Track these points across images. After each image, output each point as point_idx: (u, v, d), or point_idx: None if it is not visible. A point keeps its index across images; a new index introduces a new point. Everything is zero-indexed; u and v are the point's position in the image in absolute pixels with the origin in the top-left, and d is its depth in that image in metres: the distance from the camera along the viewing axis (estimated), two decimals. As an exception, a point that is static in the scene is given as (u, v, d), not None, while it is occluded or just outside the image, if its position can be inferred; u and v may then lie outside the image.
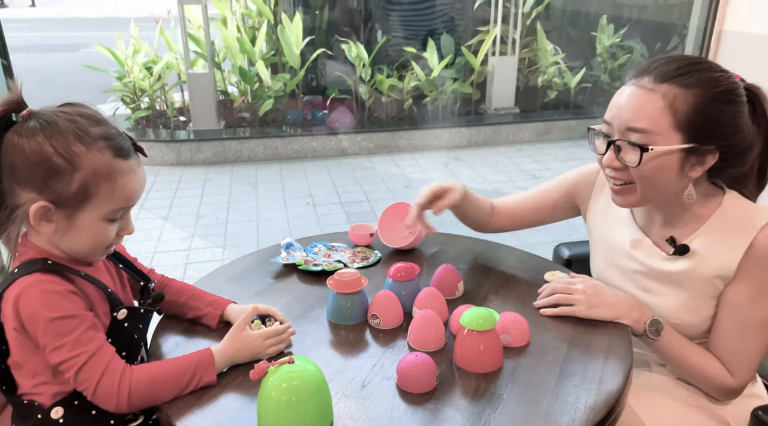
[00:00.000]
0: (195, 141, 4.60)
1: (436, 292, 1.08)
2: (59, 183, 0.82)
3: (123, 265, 1.03)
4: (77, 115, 0.85)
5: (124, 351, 0.92)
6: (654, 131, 0.94)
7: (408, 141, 4.97)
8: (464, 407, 0.85)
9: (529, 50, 5.53)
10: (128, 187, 0.87)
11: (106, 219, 0.87)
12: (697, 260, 1.01)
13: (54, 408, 0.88)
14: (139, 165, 0.91)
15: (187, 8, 4.69)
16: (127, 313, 0.92)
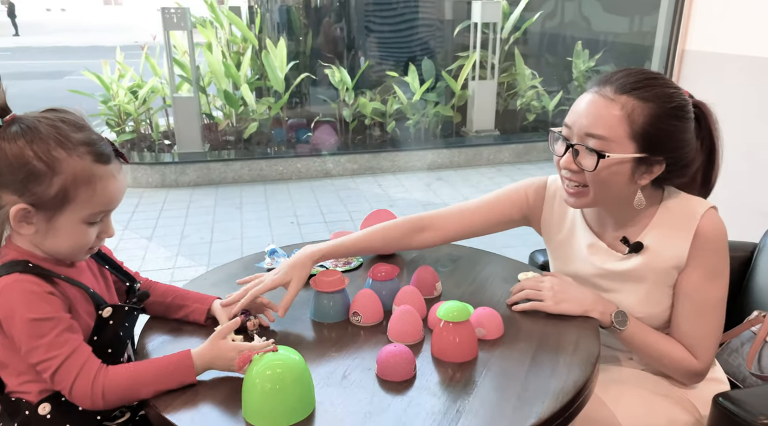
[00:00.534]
0: (180, 163, 4.63)
1: (415, 290, 1.13)
2: (39, 186, 0.84)
3: (109, 266, 1.05)
4: (59, 121, 0.87)
5: (109, 348, 0.94)
6: (611, 139, 0.99)
7: (391, 162, 5.06)
8: (441, 393, 0.90)
9: (507, 75, 5.70)
10: (108, 192, 0.89)
11: (86, 222, 0.89)
12: (650, 255, 1.08)
13: (41, 404, 0.89)
14: (120, 171, 0.93)
15: (172, 34, 4.77)
16: (112, 311, 0.94)
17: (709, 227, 1.04)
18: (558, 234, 1.23)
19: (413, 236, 1.26)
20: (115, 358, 0.95)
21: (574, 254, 1.19)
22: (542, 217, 1.26)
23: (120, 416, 0.97)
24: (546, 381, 0.91)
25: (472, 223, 1.26)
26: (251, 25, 5.40)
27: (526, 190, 1.25)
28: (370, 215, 1.47)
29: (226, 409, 0.86)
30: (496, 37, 5.40)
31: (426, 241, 1.27)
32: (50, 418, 0.90)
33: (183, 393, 0.90)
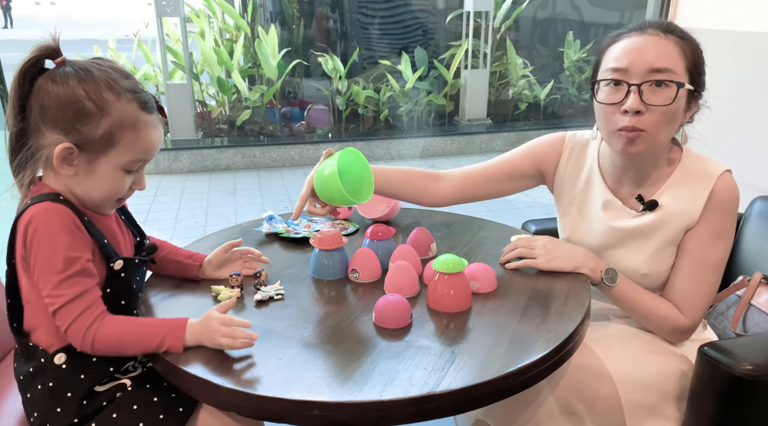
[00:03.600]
0: (173, 150, 4.63)
1: (411, 249, 1.16)
2: (86, 126, 0.86)
3: (126, 217, 1.07)
4: (109, 68, 0.90)
5: (123, 300, 0.96)
6: (675, 71, 1.01)
7: (385, 150, 5.08)
8: (436, 338, 0.93)
9: (499, 64, 5.73)
10: (150, 139, 0.92)
11: (124, 169, 0.91)
12: (664, 214, 1.10)
13: (57, 354, 0.91)
14: (159, 123, 0.96)
15: (165, 21, 4.76)
16: (123, 264, 0.95)
17: (724, 189, 1.07)
18: (572, 190, 1.24)
19: (430, 184, 1.27)
20: (128, 310, 0.97)
21: (587, 210, 1.21)
22: (557, 171, 1.25)
23: (132, 370, 0.99)
24: (537, 328, 0.95)
25: (487, 179, 1.27)
26: (244, 14, 5.39)
27: (542, 145, 1.27)
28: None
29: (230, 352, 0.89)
30: (488, 26, 5.43)
31: (441, 193, 1.27)
32: (65, 368, 0.92)
33: (187, 339, 0.92)
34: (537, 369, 0.85)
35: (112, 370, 0.96)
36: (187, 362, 0.87)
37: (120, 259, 0.95)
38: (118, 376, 0.97)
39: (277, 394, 0.80)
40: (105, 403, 0.94)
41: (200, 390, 0.86)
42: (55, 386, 0.91)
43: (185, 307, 1.04)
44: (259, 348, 0.90)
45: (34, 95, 0.88)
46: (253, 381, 0.83)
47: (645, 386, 1.08)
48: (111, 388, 0.95)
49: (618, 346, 1.11)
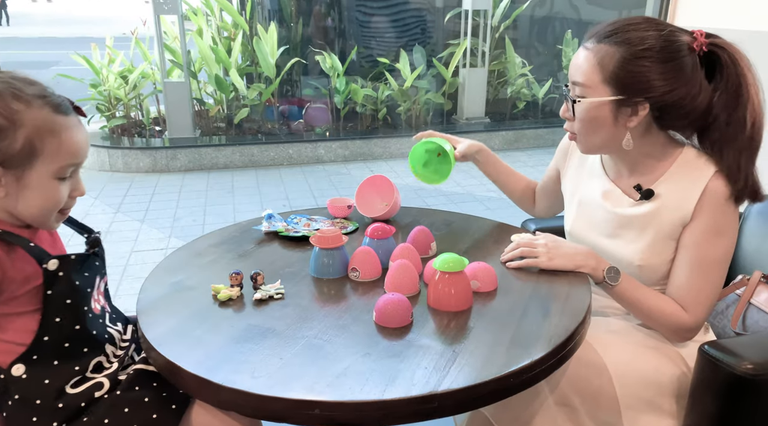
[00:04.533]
0: (171, 148, 4.62)
1: (411, 248, 1.15)
2: (3, 142, 0.82)
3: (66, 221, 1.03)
4: (9, 78, 0.86)
5: (68, 299, 0.91)
6: (587, 85, 1.07)
7: (383, 148, 5.07)
8: (437, 337, 0.92)
9: (498, 62, 5.73)
10: (74, 142, 0.88)
11: (56, 177, 0.87)
12: (660, 203, 1.11)
13: (13, 366, 0.89)
14: (81, 123, 0.91)
15: (163, 19, 4.74)
16: (59, 263, 0.90)
17: (719, 187, 1.06)
18: (575, 183, 1.31)
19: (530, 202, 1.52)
20: (76, 309, 0.93)
21: (588, 200, 1.25)
22: (564, 170, 1.36)
23: (107, 367, 0.97)
24: (538, 327, 0.95)
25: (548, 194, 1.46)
26: (242, 11, 5.37)
27: (559, 147, 1.40)
28: (365, 182, 1.50)
29: (229, 352, 0.89)
30: (487, 24, 5.43)
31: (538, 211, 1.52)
32: (26, 377, 0.89)
33: (187, 337, 0.92)
34: (538, 368, 0.85)
35: (78, 369, 0.93)
36: (185, 360, 0.87)
37: (54, 258, 0.90)
38: (91, 375, 0.95)
39: (278, 394, 0.79)
40: (84, 404, 0.92)
41: (199, 388, 0.85)
42: (21, 397, 0.89)
43: (184, 306, 1.03)
44: (260, 347, 0.90)
45: None
46: (252, 379, 0.82)
47: (642, 380, 1.08)
48: (86, 389, 0.93)
49: (616, 341, 1.12)
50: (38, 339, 0.89)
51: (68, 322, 0.91)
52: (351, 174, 4.64)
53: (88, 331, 0.94)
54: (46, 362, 0.90)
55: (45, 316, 0.89)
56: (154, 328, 0.95)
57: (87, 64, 4.82)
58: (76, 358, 0.93)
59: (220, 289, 1.07)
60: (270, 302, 1.05)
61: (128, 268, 2.84)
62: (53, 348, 0.91)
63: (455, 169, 1.46)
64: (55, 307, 0.90)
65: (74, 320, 0.92)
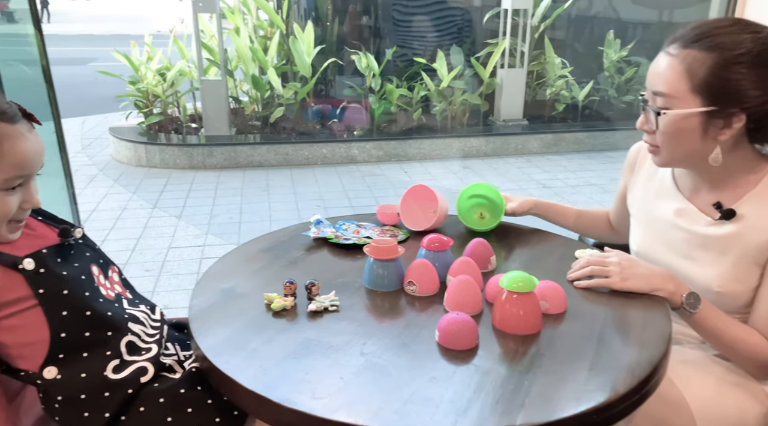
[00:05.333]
0: (207, 145, 4.64)
1: (471, 262, 1.09)
2: None
3: (44, 217, 1.00)
4: None
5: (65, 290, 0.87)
6: (672, 95, 0.98)
7: (417, 149, 5.01)
8: (507, 364, 0.86)
9: (537, 63, 5.60)
10: (18, 152, 0.83)
11: (1, 189, 0.83)
12: (744, 225, 1.01)
13: (44, 369, 0.87)
14: (31, 130, 0.87)
15: (200, 17, 4.76)
16: (35, 261, 0.86)
17: None
18: (643, 198, 1.22)
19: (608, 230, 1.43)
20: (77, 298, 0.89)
21: (658, 218, 1.16)
22: (630, 184, 1.27)
23: (142, 349, 0.94)
24: (617, 356, 0.88)
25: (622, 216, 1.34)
26: (278, 11, 5.37)
27: (624, 168, 1.31)
28: (407, 193, 1.43)
29: (286, 368, 0.84)
30: (526, 24, 5.31)
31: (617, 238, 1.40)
32: (61, 377, 0.88)
33: (243, 349, 0.88)
34: (622, 404, 0.78)
35: (110, 354, 0.90)
36: (242, 374, 0.82)
37: (26, 257, 0.85)
38: (129, 359, 0.92)
39: (343, 419, 0.74)
40: (131, 391, 0.89)
41: (256, 406, 0.81)
42: (65, 397, 0.88)
43: (237, 314, 0.99)
44: (318, 364, 0.85)
45: None
46: (313, 400, 0.77)
47: (725, 420, 0.99)
48: (130, 374, 0.90)
49: (695, 374, 1.03)
50: (55, 338, 0.87)
51: (77, 312, 0.88)
52: (385, 175, 4.59)
53: (103, 314, 0.91)
54: (75, 356, 0.88)
55: (50, 315, 0.86)
56: (208, 337, 0.91)
57: (127, 61, 4.88)
58: (104, 344, 0.90)
59: (273, 298, 1.02)
60: (324, 314, 1.00)
61: (166, 265, 2.84)
62: (75, 341, 0.88)
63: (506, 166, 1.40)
64: (54, 303, 0.86)
65: (81, 307, 0.89)
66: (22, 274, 0.84)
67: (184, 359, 1.00)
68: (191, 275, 2.75)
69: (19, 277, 0.84)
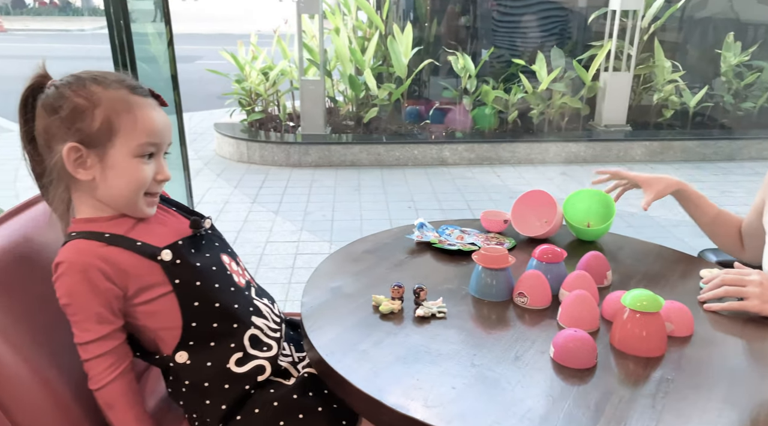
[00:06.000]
0: (303, 144, 4.79)
1: (588, 276, 1.04)
2: (83, 122, 0.85)
3: (175, 207, 1.04)
4: (92, 70, 0.90)
5: (197, 281, 0.91)
6: None
7: (511, 153, 4.89)
8: (630, 387, 0.81)
9: (644, 67, 5.29)
10: (149, 119, 0.88)
11: (137, 156, 0.88)
12: None
13: (177, 353, 0.91)
14: (158, 107, 0.92)
15: (303, 18, 4.92)
16: (172, 252, 0.90)
17: None
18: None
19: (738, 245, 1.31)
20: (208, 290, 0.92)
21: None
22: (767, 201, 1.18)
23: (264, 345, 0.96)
24: (755, 390, 0.80)
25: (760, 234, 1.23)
26: (378, 11, 5.44)
27: (765, 180, 1.23)
28: (522, 197, 1.39)
29: (398, 372, 0.84)
30: (636, 25, 5.02)
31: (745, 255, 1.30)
32: (190, 363, 0.92)
33: (353, 350, 0.89)
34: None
35: (234, 346, 0.93)
36: (354, 375, 0.83)
37: (164, 248, 0.90)
38: (252, 353, 0.94)
39: (456, 431, 0.73)
40: (248, 388, 0.92)
41: (368, 408, 0.81)
42: (191, 383, 0.92)
43: (346, 314, 1.01)
44: (430, 371, 0.84)
45: (37, 122, 0.87)
46: (425, 408, 0.77)
47: None
48: (250, 370, 0.93)
49: None
50: (187, 326, 0.91)
51: (207, 303, 0.92)
52: (476, 178, 4.52)
53: (230, 307, 0.94)
54: (204, 345, 0.92)
55: (183, 305, 0.90)
56: (320, 335, 0.94)
57: (233, 60, 5.14)
58: (230, 336, 0.94)
59: (381, 300, 1.03)
60: (431, 321, 0.99)
61: (264, 258, 2.96)
62: (204, 331, 0.92)
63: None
64: (188, 294, 0.90)
65: (211, 299, 0.92)
66: (160, 264, 0.89)
67: (298, 361, 1.02)
68: (286, 269, 2.85)
69: (157, 266, 0.89)
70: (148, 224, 0.94)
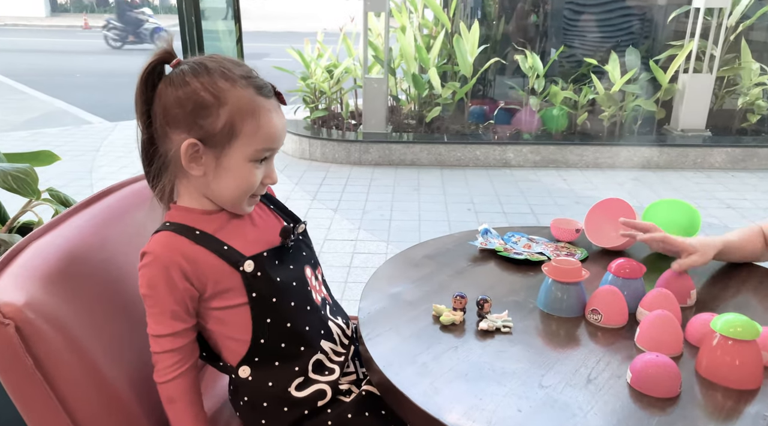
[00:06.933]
0: (364, 142, 4.79)
1: (670, 295, 0.95)
2: (207, 119, 0.82)
3: (274, 206, 1.02)
4: (221, 59, 0.86)
5: (273, 297, 0.88)
6: None
7: (579, 156, 4.70)
8: (720, 421, 0.73)
9: (729, 68, 4.95)
10: (271, 125, 0.86)
11: (252, 160, 0.86)
12: None
13: (240, 368, 0.90)
14: (279, 108, 0.89)
15: (369, 16, 4.92)
16: (254, 264, 0.87)
17: None
18: None
19: None
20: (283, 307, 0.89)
21: None
22: None
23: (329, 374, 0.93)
24: None
25: None
26: (445, 9, 5.36)
27: None
28: (597, 205, 1.31)
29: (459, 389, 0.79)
30: (721, 24, 4.71)
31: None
32: (252, 380, 0.90)
33: (412, 363, 0.85)
34: None
35: (298, 370, 0.90)
36: (413, 390, 0.79)
37: (248, 259, 0.87)
38: (314, 378, 0.92)
39: (521, 459, 0.67)
40: (307, 412, 0.90)
41: (421, 422, 0.77)
42: (250, 399, 0.90)
43: (405, 323, 0.97)
44: (493, 390, 0.79)
45: (156, 101, 0.84)
46: (488, 433, 0.71)
47: None
48: (310, 394, 0.91)
49: None
50: (255, 341, 0.89)
51: (279, 322, 0.89)
52: (541, 181, 4.37)
53: (301, 329, 0.91)
54: (268, 364, 0.90)
55: (255, 319, 0.88)
56: (378, 345, 0.90)
57: (299, 58, 5.21)
58: (295, 358, 0.91)
59: (442, 310, 0.98)
60: (496, 335, 0.94)
61: (321, 256, 2.97)
62: (271, 349, 0.90)
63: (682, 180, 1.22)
64: (262, 309, 0.88)
65: (284, 318, 0.90)
66: (241, 274, 0.87)
67: (363, 378, 0.98)
68: (343, 268, 2.84)
69: (238, 275, 0.87)
70: (243, 224, 0.92)
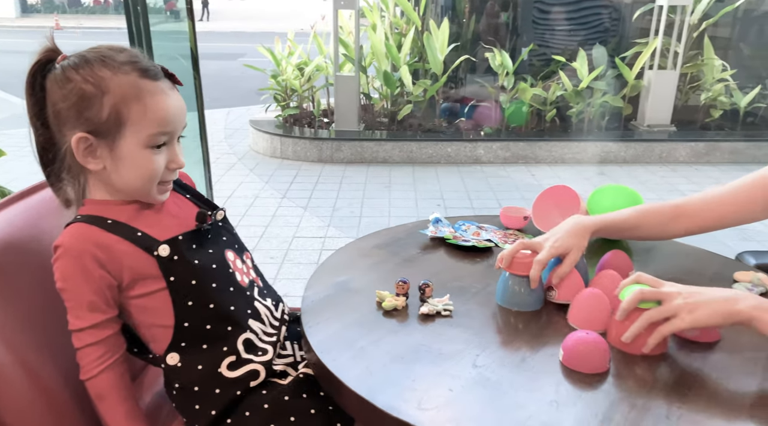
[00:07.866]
0: (336, 140, 4.78)
1: (614, 274, 0.97)
2: (91, 110, 0.81)
3: (191, 195, 1.01)
4: (103, 48, 0.85)
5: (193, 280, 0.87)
6: None
7: (548, 152, 4.76)
8: (644, 391, 0.74)
9: (692, 65, 5.06)
10: (160, 107, 0.84)
11: (148, 146, 0.84)
12: None
13: (168, 355, 0.88)
14: (172, 88, 0.87)
15: (340, 13, 4.92)
16: (169, 248, 0.86)
17: None
18: None
19: (670, 224, 1.11)
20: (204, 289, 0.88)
21: None
22: None
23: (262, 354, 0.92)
24: (787, 405, 0.72)
25: (737, 207, 1.07)
26: (416, 7, 5.39)
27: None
28: (543, 193, 1.33)
29: (393, 372, 0.80)
30: (684, 22, 4.81)
31: (680, 230, 1.11)
32: (181, 366, 0.88)
33: (350, 348, 0.85)
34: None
35: (226, 349, 0.89)
36: (347, 374, 0.79)
37: (162, 243, 0.86)
38: (246, 357, 0.90)
39: (448, 436, 0.68)
40: (240, 393, 0.88)
41: (359, 409, 0.77)
42: (182, 385, 0.89)
43: (348, 310, 0.97)
44: (427, 372, 0.80)
45: (47, 101, 0.84)
46: (419, 411, 0.72)
47: None
48: (242, 375, 0.89)
49: None
50: (179, 325, 0.88)
51: (202, 303, 0.88)
52: (510, 177, 4.42)
53: (226, 308, 0.90)
54: (196, 347, 0.88)
55: (176, 303, 0.87)
56: (318, 332, 0.90)
57: (270, 56, 5.18)
58: (223, 338, 0.90)
59: (384, 296, 0.99)
60: (436, 319, 0.94)
61: (289, 253, 2.96)
62: (197, 332, 0.88)
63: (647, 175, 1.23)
64: (182, 292, 0.87)
65: (207, 299, 0.89)
66: (156, 259, 0.86)
67: (300, 360, 0.98)
68: (311, 265, 2.83)
69: (153, 261, 0.86)
70: (158, 212, 0.92)
